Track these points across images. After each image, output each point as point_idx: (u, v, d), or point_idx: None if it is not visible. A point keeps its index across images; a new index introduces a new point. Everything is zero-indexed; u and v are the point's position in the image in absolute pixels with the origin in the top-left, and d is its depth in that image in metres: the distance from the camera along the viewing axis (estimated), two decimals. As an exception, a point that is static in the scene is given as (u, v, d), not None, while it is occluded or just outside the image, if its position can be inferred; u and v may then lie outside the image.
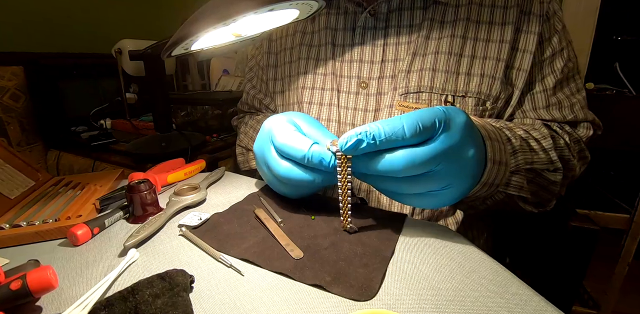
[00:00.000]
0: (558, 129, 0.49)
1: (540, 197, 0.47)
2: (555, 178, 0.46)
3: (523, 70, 0.47)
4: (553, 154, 0.45)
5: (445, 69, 0.47)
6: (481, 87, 0.47)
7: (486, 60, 0.46)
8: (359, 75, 0.52)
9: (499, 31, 0.46)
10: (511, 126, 0.46)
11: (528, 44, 0.46)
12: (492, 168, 0.38)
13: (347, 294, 0.29)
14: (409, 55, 0.49)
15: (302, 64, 0.57)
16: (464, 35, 0.47)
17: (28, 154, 1.12)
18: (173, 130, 0.87)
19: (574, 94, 0.50)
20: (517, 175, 0.42)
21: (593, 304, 1.07)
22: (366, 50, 0.51)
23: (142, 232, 0.38)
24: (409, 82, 0.48)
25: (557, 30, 0.47)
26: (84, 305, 0.27)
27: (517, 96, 0.48)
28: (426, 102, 0.48)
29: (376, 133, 0.31)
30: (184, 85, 1.60)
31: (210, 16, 0.38)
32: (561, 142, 0.47)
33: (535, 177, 0.45)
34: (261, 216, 0.42)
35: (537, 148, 0.44)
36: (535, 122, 0.49)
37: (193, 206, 0.47)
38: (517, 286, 0.30)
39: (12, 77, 1.07)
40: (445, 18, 0.48)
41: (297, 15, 0.49)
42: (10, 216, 0.43)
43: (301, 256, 0.34)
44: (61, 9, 1.21)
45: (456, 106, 0.49)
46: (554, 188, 0.47)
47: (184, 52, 0.49)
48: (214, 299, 0.29)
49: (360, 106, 0.52)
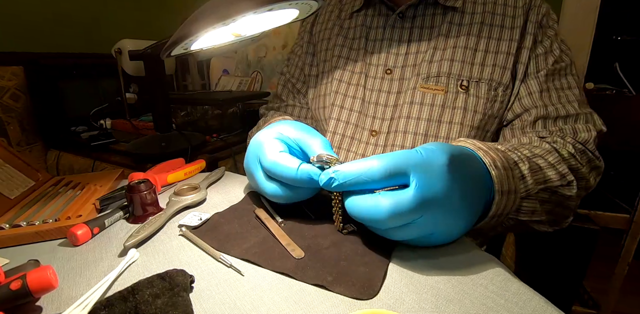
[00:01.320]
0: (559, 139, 0.48)
1: (555, 215, 0.45)
2: (570, 192, 0.43)
3: (522, 64, 0.53)
4: (562, 168, 0.44)
5: (462, 60, 0.53)
6: (493, 75, 0.53)
7: (498, 54, 0.53)
8: (386, 63, 0.59)
9: (509, 33, 0.53)
10: (516, 147, 0.45)
11: (528, 42, 0.53)
12: (501, 200, 0.36)
13: (349, 293, 0.29)
14: (430, 48, 0.56)
15: (337, 50, 0.65)
16: (478, 35, 0.54)
17: (28, 154, 1.12)
18: (173, 130, 0.87)
19: (564, 89, 0.52)
20: (528, 200, 0.40)
21: (593, 304, 1.07)
22: (393, 44, 0.59)
23: (142, 232, 0.38)
24: (430, 69, 0.55)
25: (549, 36, 0.53)
26: (84, 305, 0.27)
27: (518, 87, 0.53)
28: (444, 85, 0.54)
29: (346, 174, 0.32)
30: (184, 85, 1.60)
31: (210, 16, 0.38)
32: (565, 153, 0.46)
33: (551, 196, 0.43)
34: (262, 216, 0.42)
35: (544, 166, 0.43)
36: (533, 139, 0.49)
37: (193, 206, 0.47)
38: (517, 286, 0.30)
39: (12, 77, 1.07)
40: (462, 21, 0.55)
41: (297, 15, 0.49)
42: (10, 216, 0.43)
43: (302, 255, 0.34)
44: (61, 9, 1.21)
45: (471, 90, 0.53)
46: (570, 203, 0.45)
47: (184, 52, 0.49)
48: (214, 299, 0.29)
49: (385, 89, 0.59)
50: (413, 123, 0.55)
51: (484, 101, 0.53)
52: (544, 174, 0.42)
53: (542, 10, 0.53)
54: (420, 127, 0.54)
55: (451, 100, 0.53)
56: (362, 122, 0.60)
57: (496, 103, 0.53)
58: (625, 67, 1.21)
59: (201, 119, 1.13)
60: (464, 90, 0.53)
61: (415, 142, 0.54)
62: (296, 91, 0.73)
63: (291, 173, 0.37)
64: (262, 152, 0.40)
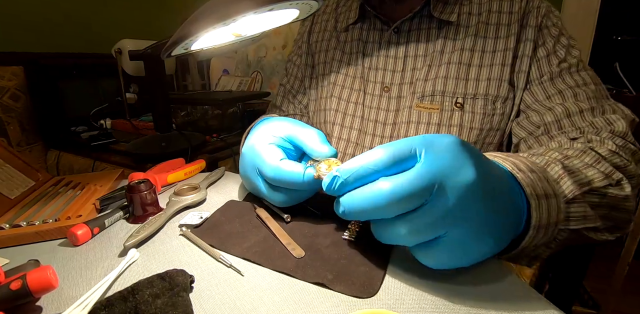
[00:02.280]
0: (594, 136, 0.43)
1: (613, 220, 0.39)
2: (623, 192, 0.38)
3: (523, 72, 0.52)
4: (603, 167, 0.38)
5: (456, 76, 0.54)
6: (489, 89, 0.52)
7: (493, 67, 0.53)
8: (383, 81, 0.60)
9: (503, 43, 0.52)
10: (541, 152, 0.40)
11: (526, 50, 0.52)
12: (540, 205, 0.31)
13: (349, 291, 0.29)
14: (425, 66, 0.56)
15: (335, 65, 0.65)
16: (472, 48, 0.54)
17: (28, 154, 1.12)
18: (173, 130, 0.87)
19: (579, 86, 0.49)
20: (575, 203, 0.34)
21: (593, 304, 1.07)
22: (389, 61, 0.59)
23: (142, 232, 0.38)
24: (425, 88, 0.55)
25: (553, 35, 0.52)
26: (84, 305, 0.27)
27: (520, 96, 0.52)
28: (439, 103, 0.54)
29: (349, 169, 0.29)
30: (184, 85, 1.60)
31: (210, 16, 0.38)
32: (604, 152, 0.40)
33: (601, 199, 0.37)
34: (262, 215, 0.42)
35: (581, 166, 0.38)
36: (562, 142, 0.45)
37: (193, 206, 0.47)
38: (517, 286, 0.30)
39: (12, 77, 1.07)
40: (457, 36, 0.55)
41: (297, 15, 0.49)
42: (10, 216, 0.43)
43: (302, 254, 0.34)
44: (61, 9, 1.21)
45: (466, 107, 0.53)
46: (628, 204, 0.38)
47: (184, 52, 0.49)
48: (214, 299, 0.29)
49: (383, 106, 0.59)
50: None
51: (481, 117, 0.53)
52: (583, 174, 0.37)
53: (542, 11, 0.52)
54: None
55: (446, 118, 0.54)
56: (362, 140, 0.61)
57: (495, 116, 0.53)
58: (625, 67, 1.21)
59: (201, 119, 1.13)
60: (459, 107, 0.53)
61: None
62: (297, 102, 0.73)
63: (298, 179, 0.37)
64: (261, 162, 0.40)
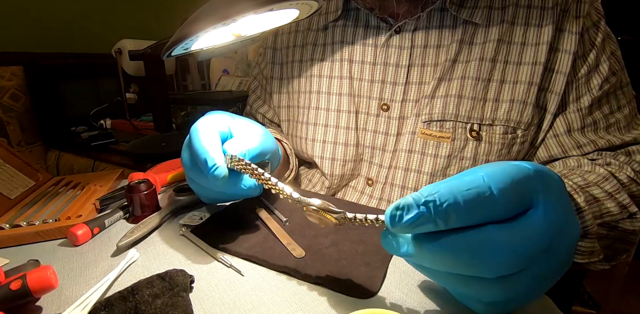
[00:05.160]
0: (613, 160, 0.40)
1: (614, 250, 0.37)
2: (633, 226, 0.36)
3: (556, 93, 0.42)
4: (622, 197, 0.36)
5: (472, 96, 0.43)
6: (510, 114, 0.42)
7: (517, 84, 0.42)
8: (381, 96, 0.48)
9: (532, 52, 0.41)
10: (565, 173, 0.38)
11: (562, 63, 0.41)
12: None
13: (349, 292, 0.29)
14: (434, 79, 0.45)
15: (315, 84, 0.52)
16: (493, 58, 0.42)
17: (28, 154, 1.12)
18: (173, 130, 0.87)
19: (613, 113, 0.43)
20: (587, 239, 0.33)
21: (593, 304, 1.07)
22: (389, 70, 0.47)
23: (137, 232, 0.38)
24: (432, 109, 0.45)
25: (595, 44, 0.42)
26: (84, 305, 0.27)
27: (550, 120, 0.43)
28: (450, 131, 0.44)
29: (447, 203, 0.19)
30: (184, 85, 1.60)
31: (210, 16, 0.38)
32: (623, 178, 0.38)
33: (609, 232, 0.36)
34: (262, 215, 0.42)
35: (602, 197, 0.36)
36: (582, 162, 0.41)
37: (193, 206, 0.47)
38: (517, 286, 0.30)
39: (12, 77, 1.07)
40: (475, 39, 0.43)
41: (297, 15, 0.49)
42: (10, 216, 0.43)
43: (303, 255, 0.34)
44: (61, 9, 1.21)
45: (482, 135, 0.43)
46: (633, 237, 0.37)
47: (184, 52, 0.49)
48: (214, 299, 0.29)
49: (381, 129, 0.48)
50: (413, 177, 0.46)
51: (499, 147, 0.43)
52: (601, 206, 0.35)
53: (585, 6, 0.40)
54: (421, 183, 0.46)
55: (458, 149, 0.44)
56: (358, 169, 0.52)
57: (515, 146, 0.44)
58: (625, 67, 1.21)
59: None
60: (474, 137, 0.43)
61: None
62: (268, 121, 0.63)
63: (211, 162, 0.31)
64: (195, 136, 0.36)
